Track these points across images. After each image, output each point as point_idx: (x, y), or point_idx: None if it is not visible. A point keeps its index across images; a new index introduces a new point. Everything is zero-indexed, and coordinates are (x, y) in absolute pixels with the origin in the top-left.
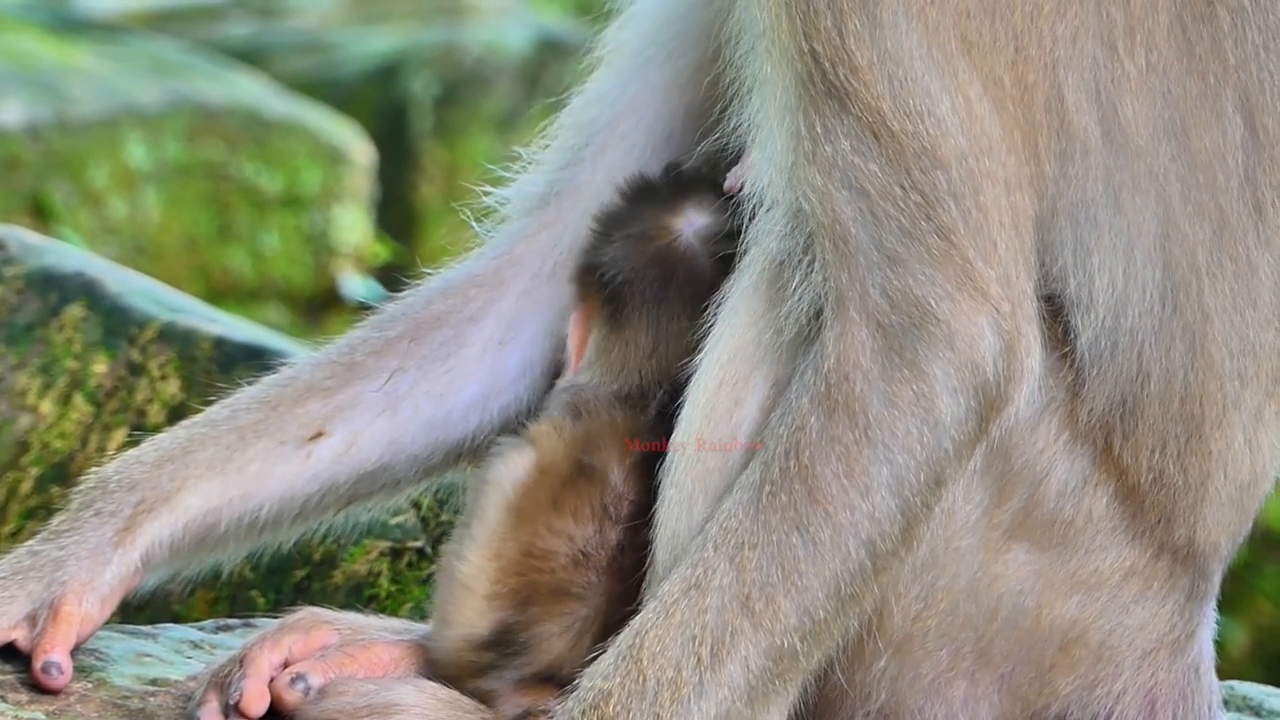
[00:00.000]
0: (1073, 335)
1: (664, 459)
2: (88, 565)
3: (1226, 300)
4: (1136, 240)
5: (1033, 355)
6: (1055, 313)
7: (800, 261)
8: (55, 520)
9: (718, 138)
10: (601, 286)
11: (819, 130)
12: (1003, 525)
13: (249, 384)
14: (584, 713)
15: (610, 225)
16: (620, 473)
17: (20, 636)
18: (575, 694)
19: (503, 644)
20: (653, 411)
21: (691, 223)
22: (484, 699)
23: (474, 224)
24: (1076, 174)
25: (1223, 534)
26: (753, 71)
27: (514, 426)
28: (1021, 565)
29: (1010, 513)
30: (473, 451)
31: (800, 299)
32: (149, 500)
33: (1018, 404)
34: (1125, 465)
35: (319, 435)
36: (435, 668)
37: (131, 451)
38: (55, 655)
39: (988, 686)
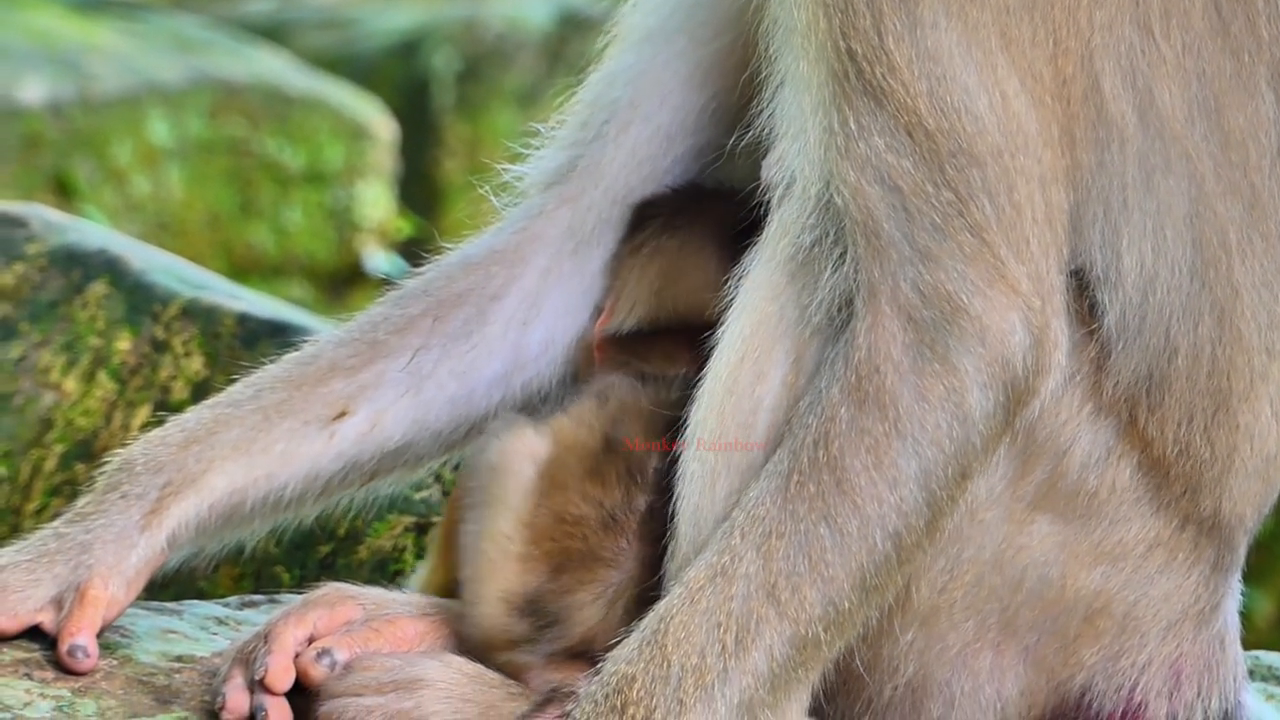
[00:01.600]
0: (1100, 311)
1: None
2: (114, 549)
3: (1256, 276)
4: (1167, 218)
5: (1060, 349)
6: (1082, 288)
7: (830, 252)
8: (81, 502)
9: (746, 128)
10: (636, 215)
11: (853, 127)
12: (1027, 497)
13: (272, 361)
14: (607, 696)
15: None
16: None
17: (46, 619)
18: (599, 677)
19: (536, 613)
20: (675, 392)
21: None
22: (515, 674)
23: (495, 199)
24: (1112, 161)
25: (1248, 505)
26: (785, 65)
27: (535, 402)
28: (1046, 536)
29: (1034, 484)
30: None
31: (830, 290)
32: (175, 482)
33: (1043, 396)
34: (1150, 438)
35: (343, 414)
36: (467, 644)
37: (156, 432)
38: (81, 638)
39: (1013, 658)
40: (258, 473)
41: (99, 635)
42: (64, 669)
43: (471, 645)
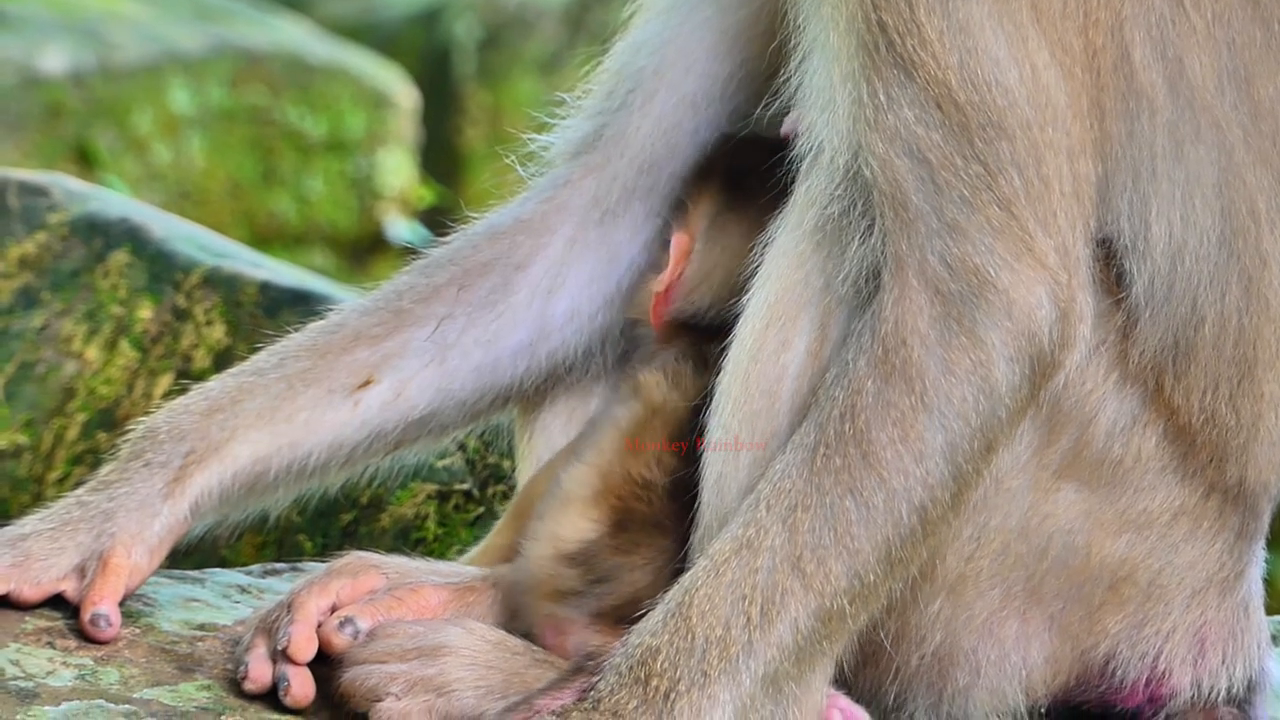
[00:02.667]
0: (1127, 280)
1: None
2: (137, 517)
3: None
4: (1195, 188)
5: (1085, 322)
6: (1109, 257)
7: (857, 224)
8: (104, 470)
9: (773, 97)
10: (721, 176)
11: (882, 99)
12: (1053, 465)
13: (295, 330)
14: (631, 668)
15: (730, 141)
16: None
17: (69, 588)
18: (623, 649)
19: (587, 565)
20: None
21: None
22: (556, 628)
23: (519, 168)
24: (1142, 130)
25: (1273, 474)
26: (813, 35)
27: (560, 372)
28: (1071, 504)
29: (1060, 452)
30: (520, 395)
31: (858, 261)
32: (198, 451)
33: (1068, 369)
34: (1176, 406)
35: (367, 383)
36: (516, 589)
37: (179, 400)
38: (104, 607)
39: (1038, 625)
40: (281, 441)
41: (121, 604)
42: (86, 638)
43: (523, 592)
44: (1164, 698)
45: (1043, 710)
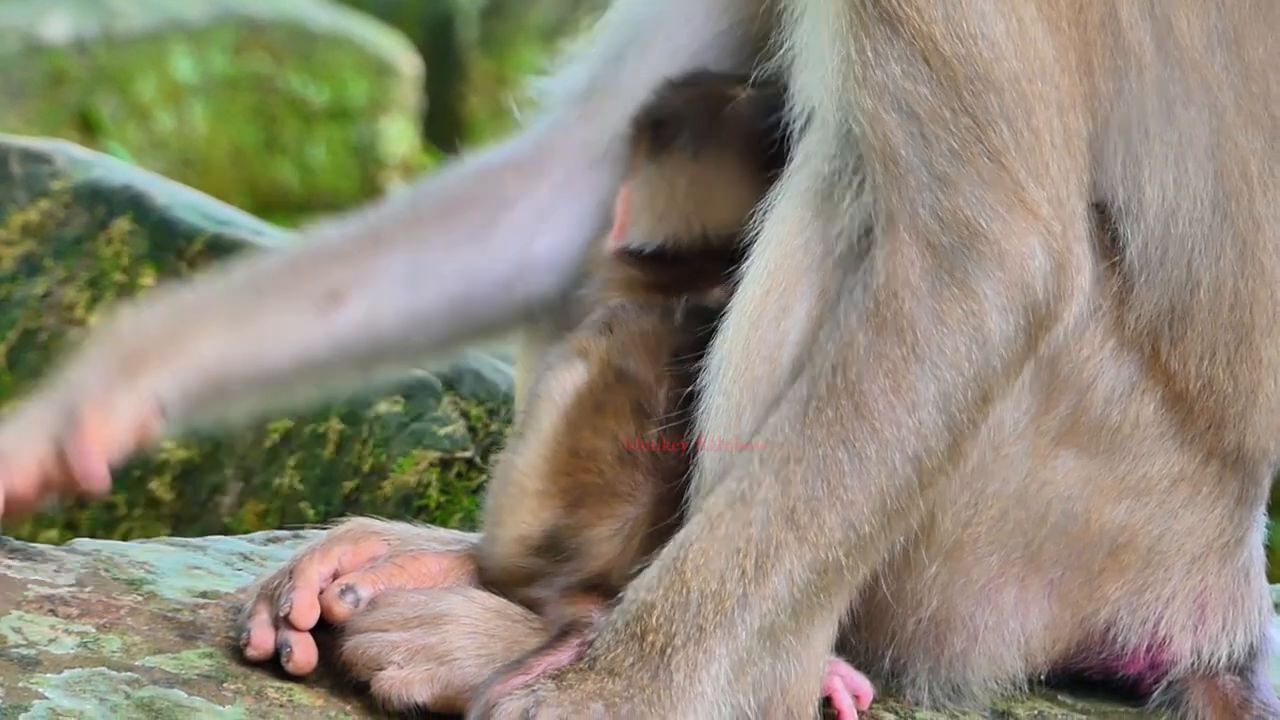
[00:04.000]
0: (1121, 244)
1: (699, 360)
2: (100, 393)
3: (1278, 209)
4: (1188, 150)
5: (1083, 273)
6: (1103, 221)
7: (850, 182)
8: (65, 369)
9: (767, 58)
10: (647, 125)
11: (869, 55)
12: (1051, 431)
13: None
14: (627, 624)
15: (666, 85)
16: (651, 373)
17: (51, 468)
18: (619, 606)
19: (553, 549)
20: (679, 318)
21: (747, 90)
22: (532, 607)
23: (518, 113)
24: (1131, 89)
25: (1272, 439)
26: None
27: (535, 312)
28: (1070, 471)
29: (1058, 419)
30: (490, 332)
31: (850, 219)
32: (160, 342)
33: (1066, 322)
34: (1173, 371)
35: (339, 299)
36: (486, 576)
37: (147, 305)
38: (89, 451)
39: (1037, 592)
40: (249, 346)
41: (121, 565)
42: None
43: (490, 580)
44: (1165, 664)
45: (1042, 677)
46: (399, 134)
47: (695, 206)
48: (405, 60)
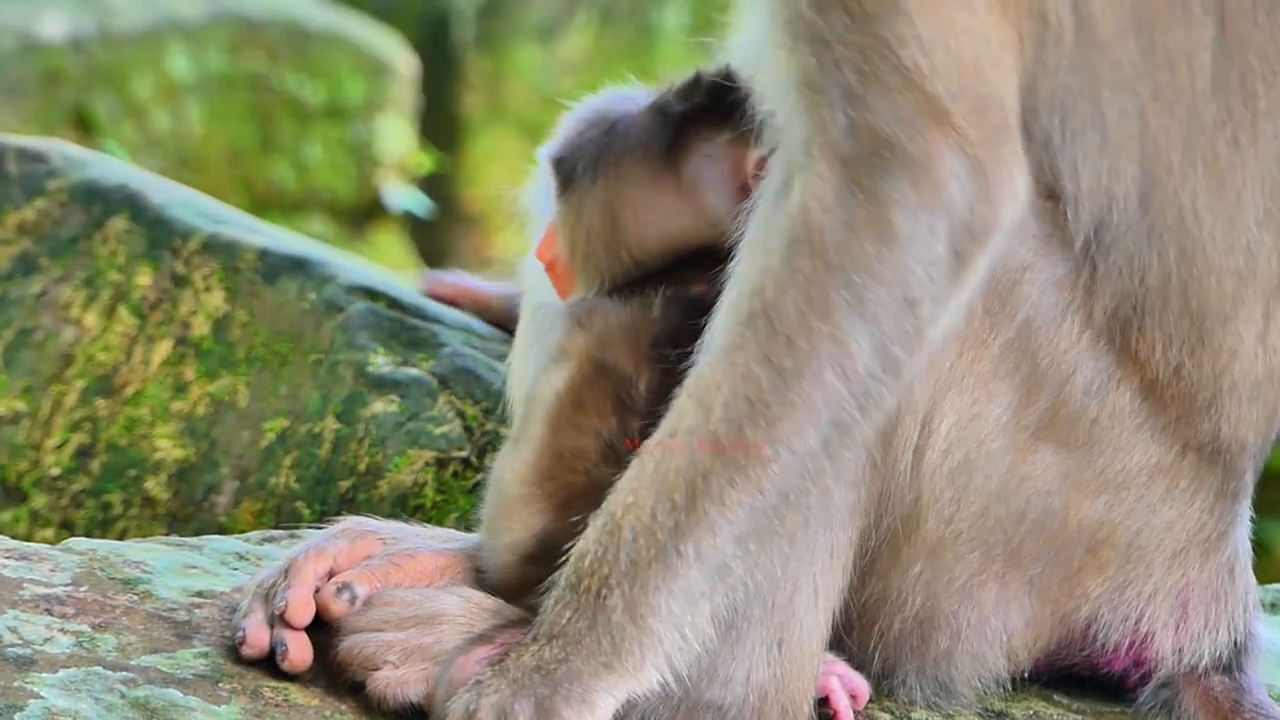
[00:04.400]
0: (1080, 234)
1: (680, 349)
2: None
3: (1205, 200)
4: (1115, 138)
5: (1014, 184)
6: (1069, 214)
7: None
8: None
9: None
10: (553, 165)
11: None
12: (1031, 426)
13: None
14: (566, 580)
15: (572, 120)
16: (630, 364)
17: None
18: (562, 569)
19: (548, 555)
20: (658, 306)
21: (638, 101)
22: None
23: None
24: (1052, 61)
25: (1248, 430)
26: None
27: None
28: (1049, 466)
29: (1038, 413)
30: None
31: (782, 162)
32: None
33: (1000, 233)
34: (1143, 360)
35: None
36: (487, 585)
37: None
38: None
39: (1018, 589)
40: None
41: (120, 565)
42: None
43: (492, 589)
44: (1148, 661)
45: (1025, 674)
46: (395, 133)
47: (614, 232)
48: (402, 59)
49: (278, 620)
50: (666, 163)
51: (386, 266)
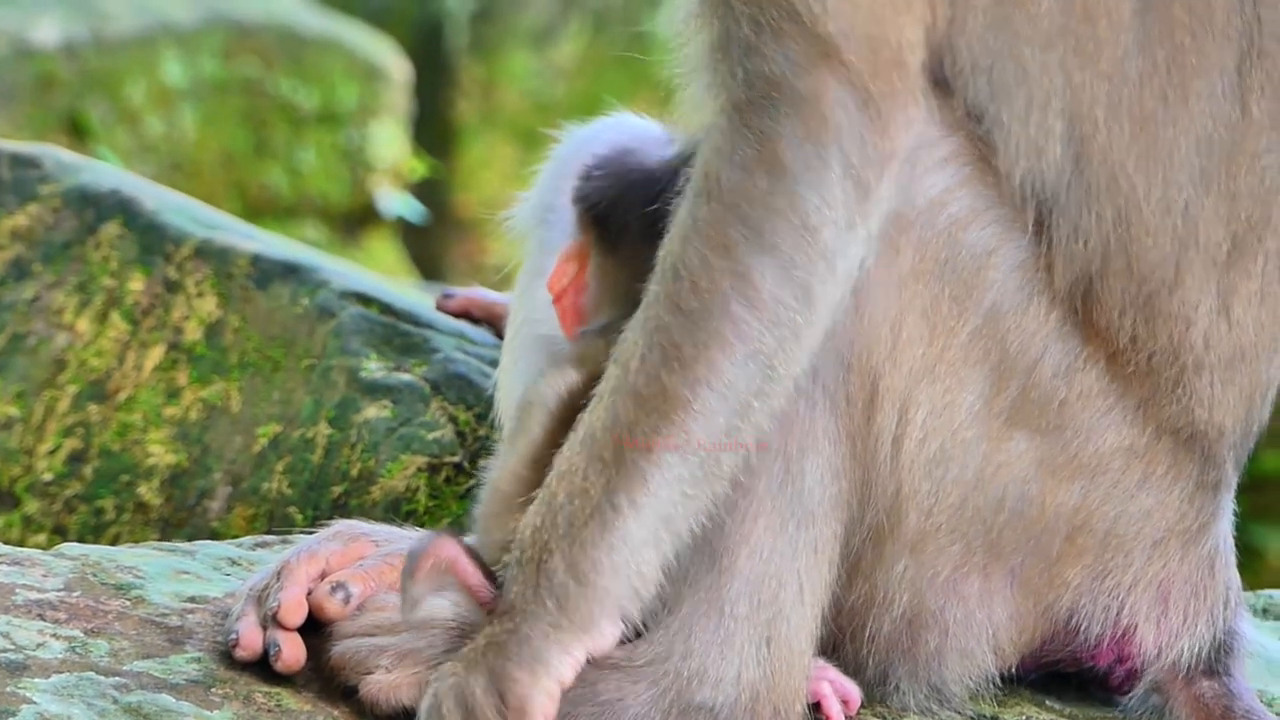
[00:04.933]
0: (1026, 198)
1: None
2: None
3: (1135, 158)
4: (1039, 95)
5: (907, 113)
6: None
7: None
8: None
9: None
10: (591, 217)
11: None
12: (1004, 413)
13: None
14: (514, 557)
15: (600, 168)
16: None
17: None
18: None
19: None
20: None
21: (654, 137)
22: None
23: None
24: (969, 20)
25: (1225, 415)
26: None
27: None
28: (1024, 453)
29: (1009, 399)
30: None
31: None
32: None
33: (899, 161)
34: (1102, 330)
35: None
36: None
37: None
38: None
39: (1000, 581)
40: None
41: (112, 570)
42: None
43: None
44: (1131, 656)
45: (1014, 672)
46: (389, 139)
47: (639, 279)
48: (395, 65)
49: (270, 622)
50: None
51: (380, 272)
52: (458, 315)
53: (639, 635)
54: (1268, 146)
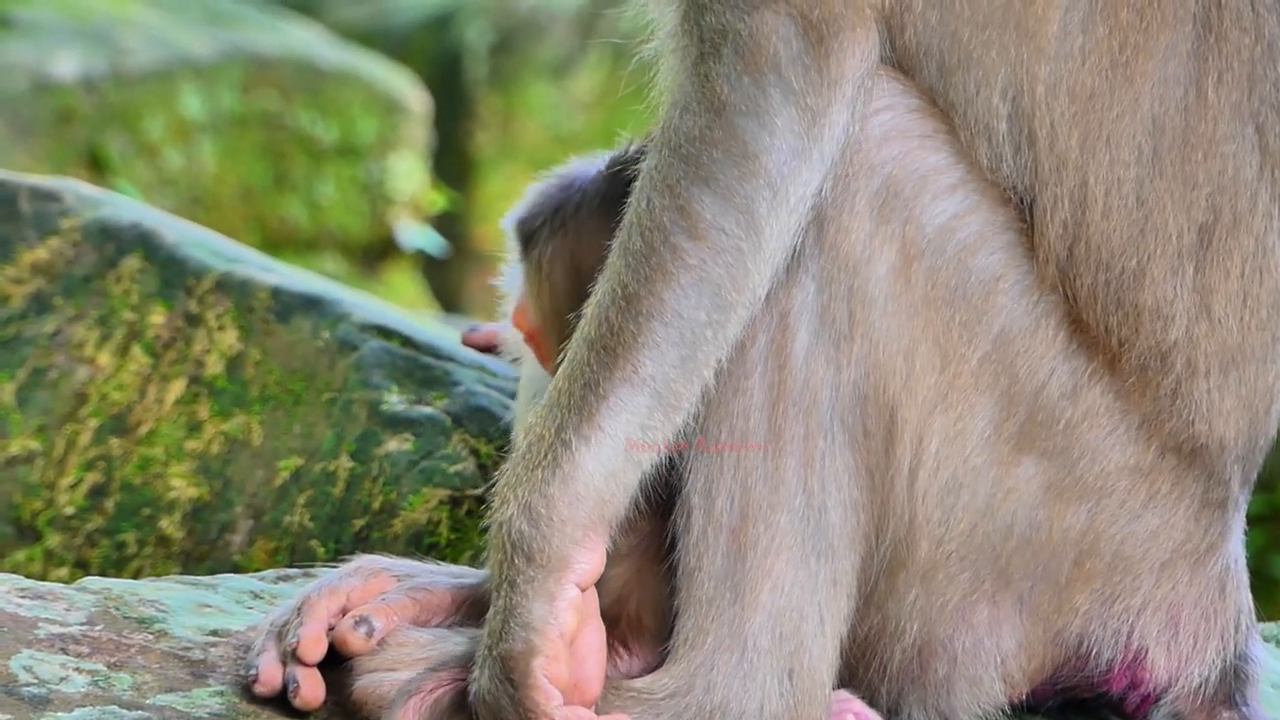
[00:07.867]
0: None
1: None
2: None
3: (1080, 139)
4: (981, 74)
5: (852, 34)
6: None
7: None
8: None
9: None
10: (515, 230)
11: None
12: (1012, 438)
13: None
14: (489, 511)
15: (531, 189)
16: None
17: None
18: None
19: None
20: None
21: (598, 164)
22: None
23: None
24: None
25: (1227, 427)
26: None
27: None
28: (1031, 478)
29: (1018, 423)
30: None
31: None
32: None
33: (848, 85)
34: (1091, 329)
35: None
36: None
37: None
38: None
39: (1009, 608)
40: None
41: (133, 603)
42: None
43: None
44: (1144, 681)
45: (1027, 700)
46: (408, 171)
47: (578, 282)
48: (414, 97)
49: (290, 657)
50: (625, 209)
51: (400, 305)
52: (483, 350)
53: (660, 667)
54: (1228, 134)
